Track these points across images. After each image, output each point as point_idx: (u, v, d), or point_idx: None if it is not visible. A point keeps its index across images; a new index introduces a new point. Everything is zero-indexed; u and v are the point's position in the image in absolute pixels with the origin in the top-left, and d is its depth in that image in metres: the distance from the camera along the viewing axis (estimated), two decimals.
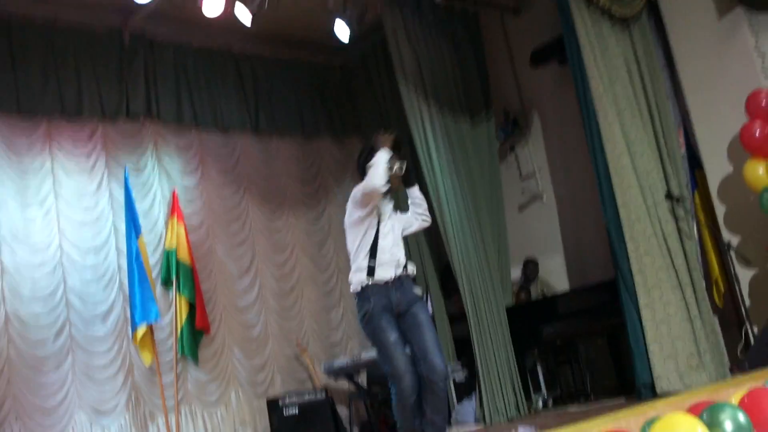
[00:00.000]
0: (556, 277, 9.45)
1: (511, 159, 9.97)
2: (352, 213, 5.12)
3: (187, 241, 8.67)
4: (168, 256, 8.60)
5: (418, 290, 5.18)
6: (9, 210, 7.96)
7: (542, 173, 9.75)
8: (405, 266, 5.07)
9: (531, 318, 8.66)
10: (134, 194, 8.47)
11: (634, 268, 7.14)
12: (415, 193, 5.33)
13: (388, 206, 5.24)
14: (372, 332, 4.93)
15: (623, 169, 7.29)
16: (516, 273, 9.44)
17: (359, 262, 5.00)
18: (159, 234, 8.80)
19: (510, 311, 8.65)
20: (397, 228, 5.20)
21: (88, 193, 8.52)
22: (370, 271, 4.92)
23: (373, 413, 9.01)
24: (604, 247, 7.95)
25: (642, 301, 7.08)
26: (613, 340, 8.40)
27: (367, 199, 5.00)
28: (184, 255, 8.57)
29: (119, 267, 8.44)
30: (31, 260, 7.98)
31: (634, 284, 7.13)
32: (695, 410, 3.69)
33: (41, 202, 8.19)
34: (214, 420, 8.74)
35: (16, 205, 8.02)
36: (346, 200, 9.87)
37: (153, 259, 8.56)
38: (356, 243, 5.05)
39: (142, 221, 8.44)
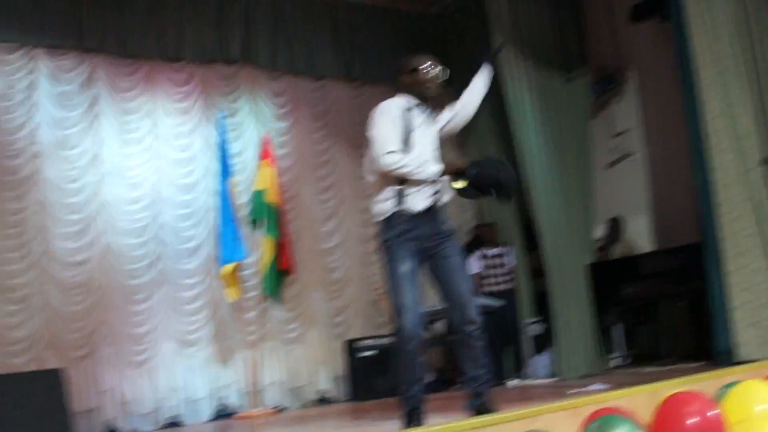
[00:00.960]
0: (640, 237, 9.35)
1: (604, 116, 9.84)
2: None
3: (277, 184, 8.83)
4: (257, 197, 8.73)
5: (451, 224, 4.64)
6: (110, 147, 8.28)
7: (635, 131, 9.60)
8: (439, 193, 4.52)
9: (612, 277, 8.63)
10: (228, 136, 8.66)
11: (724, 233, 7.01)
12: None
13: (420, 119, 4.61)
14: (387, 260, 4.42)
15: (720, 131, 7.12)
16: (600, 231, 9.39)
17: (384, 185, 4.45)
18: (249, 175, 8.97)
19: (592, 269, 8.63)
20: (432, 144, 4.61)
21: (184, 134, 8.77)
22: (399, 199, 4.39)
23: (449, 361, 9.15)
24: (693, 210, 7.84)
25: (729, 267, 6.97)
26: (695, 305, 8.28)
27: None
28: (273, 197, 8.71)
29: (210, 206, 8.68)
30: (127, 195, 8.30)
31: (721, 249, 7.03)
32: None
33: (139, 140, 8.48)
34: (293, 357, 8.96)
35: (116, 142, 8.33)
36: None
37: (242, 200, 8.76)
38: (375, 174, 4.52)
39: (233, 162, 8.67)
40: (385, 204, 4.44)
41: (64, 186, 7.98)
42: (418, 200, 4.41)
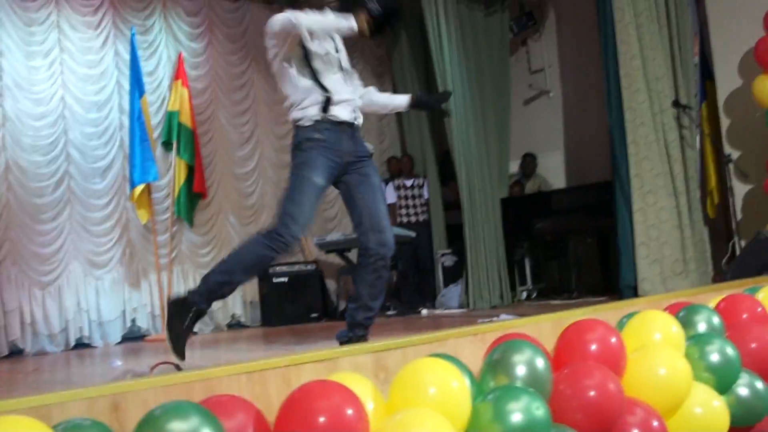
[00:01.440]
0: (553, 174, 9.58)
1: (522, 53, 9.98)
2: (270, 43, 4.18)
3: (190, 105, 8.72)
4: (170, 117, 8.64)
5: (370, 146, 4.46)
6: (13, 58, 7.97)
7: (552, 70, 9.77)
8: (358, 112, 4.26)
9: (524, 211, 8.83)
10: (140, 54, 8.46)
11: (633, 171, 7.23)
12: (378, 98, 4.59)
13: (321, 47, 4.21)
14: (300, 164, 4.06)
15: (633, 72, 7.32)
16: (514, 167, 9.58)
17: (309, 96, 4.11)
18: (162, 96, 8.85)
19: (504, 203, 8.81)
20: (339, 58, 4.26)
21: (94, 49, 8.51)
22: (325, 104, 4.08)
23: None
24: (605, 149, 8.04)
25: (636, 204, 7.20)
26: (603, 241, 8.57)
27: (285, 32, 4.06)
28: (186, 118, 8.63)
29: (121, 125, 8.53)
30: (33, 111, 8.04)
31: (630, 188, 7.24)
32: (672, 310, 3.88)
33: (46, 53, 8.19)
34: None
35: (20, 54, 8.03)
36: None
37: (155, 120, 8.61)
38: (291, 80, 4.16)
39: (146, 81, 8.50)
40: (310, 109, 4.09)
41: None
42: (343, 111, 4.11)
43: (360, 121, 4.27)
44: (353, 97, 4.24)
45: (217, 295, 4.02)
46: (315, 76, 4.12)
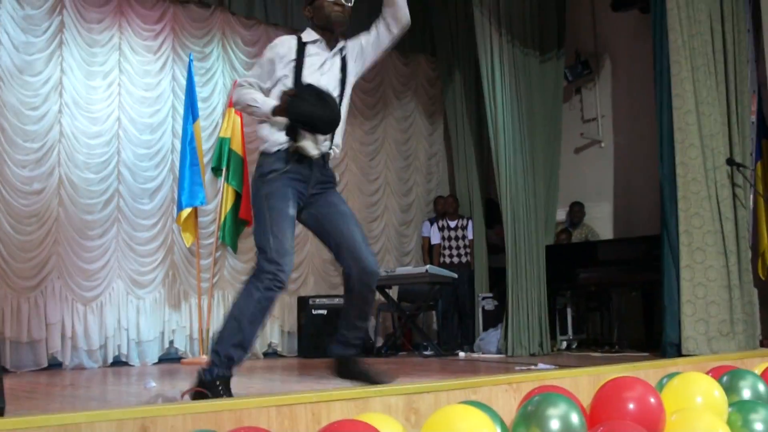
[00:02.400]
0: (601, 224, 9.46)
1: (576, 101, 9.91)
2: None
3: (242, 133, 8.78)
4: (221, 144, 8.72)
5: (335, 174, 4.26)
6: (74, 78, 8.15)
7: (605, 120, 9.68)
8: (332, 142, 4.12)
9: (569, 260, 8.70)
10: (196, 80, 8.58)
11: (682, 227, 7.08)
12: None
13: (317, 57, 4.17)
14: (268, 195, 3.90)
15: (688, 126, 7.19)
16: (562, 215, 9.46)
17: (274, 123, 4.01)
18: (215, 122, 8.94)
19: (550, 250, 8.67)
20: (330, 83, 4.13)
21: (152, 72, 8.67)
22: (293, 134, 3.95)
23: (399, 327, 9.20)
24: (654, 202, 7.92)
25: (684, 261, 7.04)
26: (648, 296, 8.41)
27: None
28: (237, 145, 8.69)
29: (173, 148, 8.64)
30: (89, 129, 8.20)
31: (679, 244, 7.10)
32: (716, 373, 3.76)
33: (106, 74, 8.36)
34: None
35: (81, 74, 8.21)
36: (405, 116, 9.93)
37: (206, 145, 8.70)
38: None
39: (200, 107, 8.58)
40: (279, 135, 3.97)
41: (24, 112, 7.84)
42: (310, 144, 3.95)
43: (335, 150, 4.15)
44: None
45: (234, 359, 3.79)
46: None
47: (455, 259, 9.29)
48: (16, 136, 7.76)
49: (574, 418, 2.74)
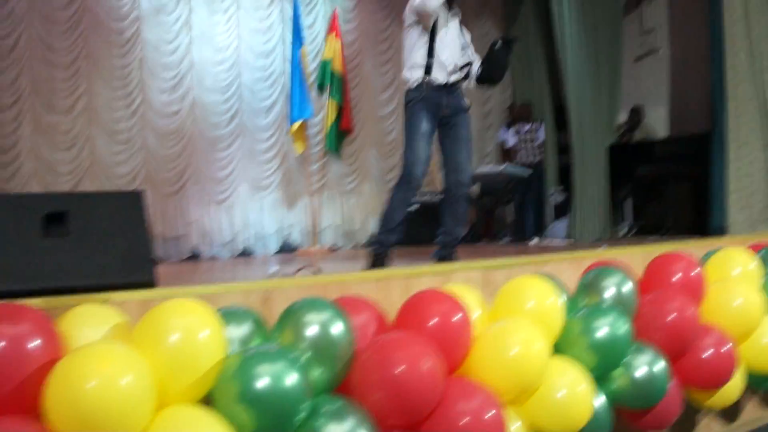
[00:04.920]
0: (659, 124, 9.23)
1: (635, 14, 9.56)
2: (408, 17, 4.44)
3: (342, 55, 8.79)
4: (324, 65, 8.75)
5: (467, 101, 4.57)
6: (200, 15, 8.24)
7: (661, 30, 9.35)
8: (461, 72, 4.45)
9: (630, 157, 8.56)
10: (301, 10, 8.57)
11: (730, 125, 6.94)
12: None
13: (449, 13, 4.42)
14: (410, 117, 4.36)
15: (736, 34, 6.96)
16: (623, 117, 9.27)
17: (416, 59, 4.35)
18: (318, 46, 8.92)
19: (612, 149, 8.56)
20: (457, 36, 4.46)
21: (263, 6, 8.67)
22: (428, 70, 4.29)
23: (481, 218, 9.27)
24: (706, 104, 7.71)
25: (731, 155, 6.92)
26: (699, 186, 8.22)
27: (422, 14, 4.31)
28: (338, 66, 8.73)
29: (283, 71, 8.68)
30: (214, 58, 8.31)
31: (727, 140, 6.96)
32: (755, 248, 3.75)
33: (225, 9, 8.41)
34: (349, 205, 9.13)
35: (205, 11, 8.29)
36: (483, 34, 9.72)
37: (311, 67, 8.73)
38: (413, 43, 4.40)
39: (305, 34, 8.60)
40: (414, 72, 4.35)
41: (160, 47, 8.01)
42: (441, 74, 4.33)
43: (462, 80, 4.45)
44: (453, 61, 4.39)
45: (389, 239, 4.41)
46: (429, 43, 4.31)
47: (529, 159, 9.24)
48: (155, 67, 7.96)
49: (627, 286, 2.80)
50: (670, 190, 8.50)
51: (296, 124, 8.34)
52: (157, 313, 1.95)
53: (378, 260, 4.38)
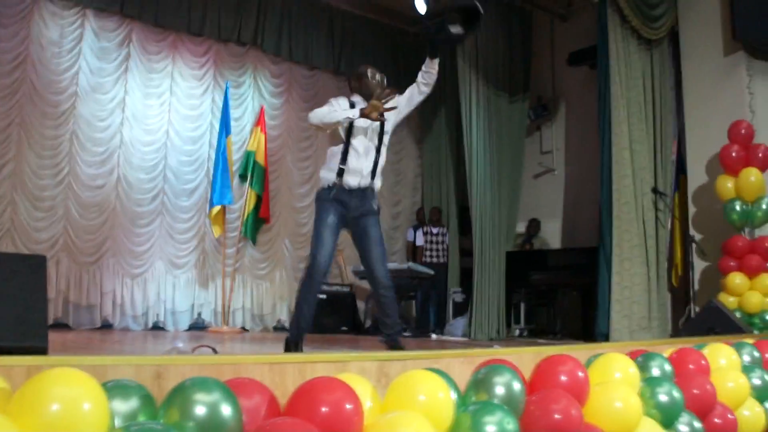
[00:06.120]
0: (552, 236, 9.45)
1: (536, 136, 9.90)
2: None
3: (265, 148, 8.75)
4: (248, 156, 8.69)
5: (376, 204, 4.43)
6: (135, 97, 8.16)
7: (558, 152, 9.69)
8: (372, 178, 4.35)
9: (525, 264, 8.69)
10: (231, 103, 8.54)
11: (615, 241, 7.13)
12: (433, 64, 4.37)
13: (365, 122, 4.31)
14: (318, 211, 4.29)
15: (623, 160, 7.26)
16: (521, 228, 9.44)
17: (332, 164, 4.31)
18: (244, 138, 8.89)
19: (509, 256, 8.67)
20: (371, 141, 4.35)
21: (196, 95, 8.64)
22: (340, 173, 4.24)
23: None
24: (595, 220, 7.95)
25: (615, 268, 7.09)
26: (586, 295, 8.39)
27: (318, 127, 4.34)
28: (260, 158, 8.67)
29: (209, 157, 8.58)
30: (143, 138, 8.19)
31: (612, 254, 7.13)
32: (633, 355, 3.74)
33: (159, 95, 8.36)
34: (260, 290, 8.92)
35: (140, 94, 8.21)
36: (398, 141, 9.84)
37: (236, 156, 8.65)
38: (331, 147, 4.42)
39: (233, 125, 8.54)
40: (328, 174, 4.30)
41: (93, 123, 7.86)
42: (353, 179, 4.27)
43: (376, 185, 4.39)
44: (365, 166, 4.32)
45: (298, 326, 4.34)
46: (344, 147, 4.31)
47: (434, 260, 9.26)
48: (86, 141, 7.78)
49: (516, 385, 2.71)
50: (560, 297, 8.64)
51: (216, 209, 8.16)
52: (38, 381, 1.75)
53: (291, 346, 4.32)
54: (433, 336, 8.34)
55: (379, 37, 10.13)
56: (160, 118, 8.34)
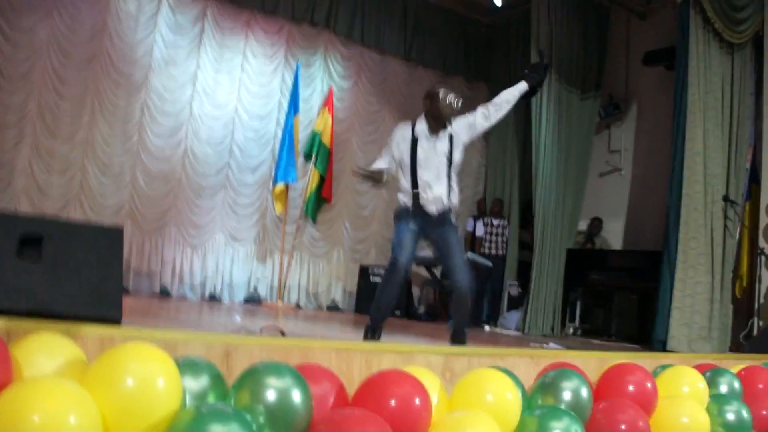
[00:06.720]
0: (614, 236, 9.24)
1: (605, 134, 9.67)
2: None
3: (332, 129, 8.73)
4: (314, 136, 8.67)
5: (454, 218, 4.48)
6: (206, 71, 8.23)
7: (626, 152, 9.46)
8: (447, 200, 4.40)
9: (584, 263, 8.53)
10: (300, 83, 8.53)
11: (681, 247, 6.92)
12: (504, 95, 4.58)
13: (425, 143, 4.41)
14: (397, 222, 4.40)
15: (695, 166, 7.02)
16: (583, 225, 9.26)
17: (403, 185, 4.41)
18: (311, 118, 8.89)
19: (570, 253, 8.52)
20: (439, 167, 4.41)
21: (266, 73, 8.67)
22: (415, 198, 4.34)
23: (439, 300, 9.13)
24: (658, 224, 7.74)
25: (678, 275, 6.88)
26: (643, 299, 8.21)
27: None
28: (326, 138, 8.65)
29: (275, 135, 8.62)
30: (212, 113, 8.26)
31: (676, 260, 6.93)
32: (701, 369, 3.62)
33: (230, 71, 8.41)
34: (317, 269, 8.97)
35: (211, 69, 8.28)
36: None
37: (302, 135, 8.64)
38: (398, 167, 4.45)
39: (301, 105, 8.53)
40: (404, 197, 4.41)
41: (165, 95, 7.95)
42: (430, 205, 4.36)
43: (453, 204, 4.45)
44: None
45: (378, 318, 4.39)
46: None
47: (493, 251, 9.16)
48: (156, 113, 7.88)
49: (584, 392, 2.64)
50: (618, 299, 8.47)
51: (279, 186, 8.19)
52: (114, 355, 1.75)
53: (368, 332, 4.39)
54: (486, 328, 8.26)
55: (451, 27, 10.00)
56: (230, 94, 8.40)
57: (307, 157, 8.72)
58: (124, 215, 7.63)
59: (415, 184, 4.35)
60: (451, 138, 4.46)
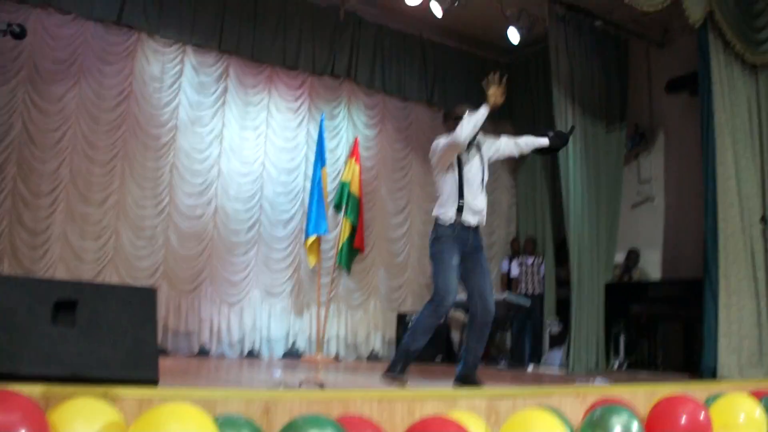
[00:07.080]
0: (652, 267, 9.06)
1: (634, 165, 9.56)
2: (433, 159, 4.53)
3: (360, 179, 8.79)
4: (342, 186, 8.74)
5: (483, 239, 4.59)
6: (232, 129, 8.33)
7: (657, 181, 9.33)
8: (484, 215, 4.51)
9: (625, 295, 8.37)
10: (326, 135, 8.61)
11: (721, 273, 6.75)
12: (527, 139, 4.79)
13: (467, 153, 4.49)
14: (439, 251, 4.36)
15: (729, 189, 6.88)
16: (620, 258, 9.11)
17: (449, 201, 4.42)
18: (339, 169, 8.95)
19: (608, 287, 8.36)
20: (479, 173, 4.50)
21: (291, 128, 8.76)
22: (459, 211, 4.37)
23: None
24: (698, 251, 7.56)
25: (722, 301, 6.70)
26: (688, 328, 8.01)
27: (450, 150, 4.39)
28: (355, 188, 8.71)
29: (304, 188, 8.67)
30: (240, 170, 8.34)
31: (718, 287, 6.76)
32: (757, 395, 3.48)
33: (255, 127, 8.51)
34: (354, 319, 8.90)
35: (237, 126, 8.38)
36: (493, 172, 9.80)
37: (330, 187, 8.70)
38: (443, 184, 4.48)
39: (327, 156, 8.60)
40: (449, 211, 4.41)
41: (192, 155, 8.06)
42: (472, 217, 4.42)
43: (482, 222, 4.51)
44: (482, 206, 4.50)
45: (406, 358, 4.37)
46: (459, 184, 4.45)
47: (530, 290, 9.05)
48: (185, 173, 7.97)
49: (635, 427, 2.55)
50: (661, 329, 8.29)
51: (311, 238, 8.22)
52: (154, 417, 1.72)
53: (397, 367, 4.37)
54: (530, 368, 8.09)
55: (471, 68, 10.04)
56: (257, 150, 8.48)
57: (338, 207, 8.76)
58: (159, 276, 7.67)
59: (461, 194, 4.40)
60: (481, 155, 4.58)
